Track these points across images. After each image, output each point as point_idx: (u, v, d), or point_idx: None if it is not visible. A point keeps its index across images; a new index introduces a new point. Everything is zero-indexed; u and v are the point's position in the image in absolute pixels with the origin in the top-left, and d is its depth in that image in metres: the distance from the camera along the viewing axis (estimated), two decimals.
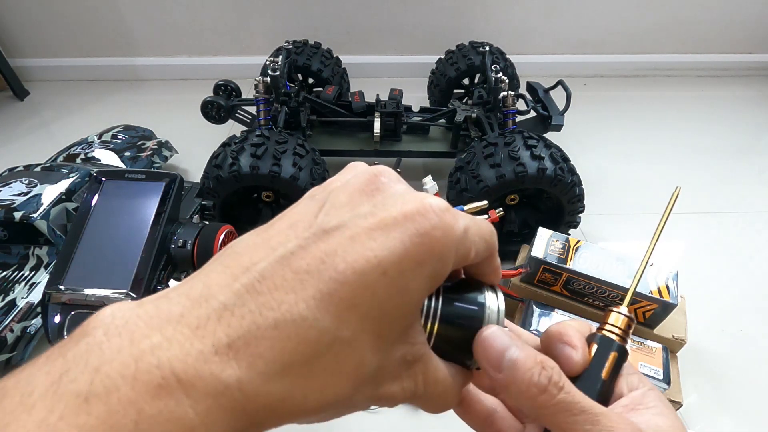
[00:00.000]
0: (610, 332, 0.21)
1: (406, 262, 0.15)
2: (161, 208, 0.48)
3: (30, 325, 0.61)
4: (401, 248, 0.14)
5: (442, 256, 0.15)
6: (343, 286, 0.14)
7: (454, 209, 0.16)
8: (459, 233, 0.16)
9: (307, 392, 0.14)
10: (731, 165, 1.08)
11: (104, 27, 1.35)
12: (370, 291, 0.14)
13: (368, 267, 0.14)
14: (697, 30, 1.39)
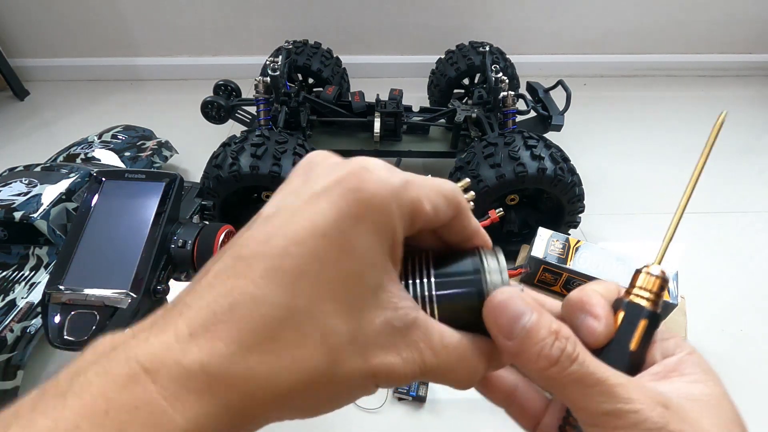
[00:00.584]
0: (639, 296, 0.19)
1: (343, 220, 0.14)
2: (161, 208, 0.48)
3: (30, 325, 0.61)
4: (335, 209, 0.15)
5: (381, 208, 0.15)
6: (286, 258, 0.14)
7: (394, 168, 0.16)
8: (396, 183, 0.15)
9: (277, 369, 0.14)
10: (731, 165, 1.08)
11: (104, 27, 1.35)
12: (313, 256, 0.14)
13: (306, 234, 0.14)
14: (697, 30, 1.39)
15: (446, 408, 0.61)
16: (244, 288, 0.14)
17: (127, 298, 0.44)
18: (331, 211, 0.15)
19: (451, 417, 0.60)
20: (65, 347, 0.42)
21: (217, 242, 0.49)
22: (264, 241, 0.15)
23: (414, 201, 0.16)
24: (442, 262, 0.18)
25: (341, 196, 0.15)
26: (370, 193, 0.15)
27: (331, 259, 0.14)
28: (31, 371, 0.65)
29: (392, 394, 0.62)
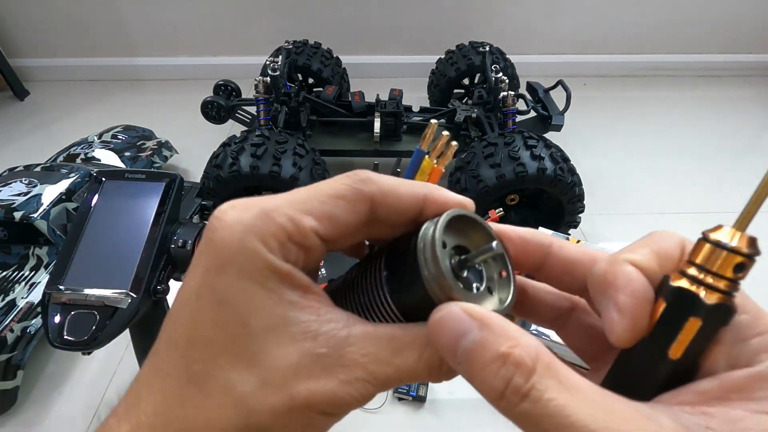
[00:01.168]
0: (697, 280, 0.13)
1: (209, 275, 0.15)
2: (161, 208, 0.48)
3: (30, 325, 0.61)
4: (201, 267, 0.15)
5: (239, 250, 0.14)
6: (177, 328, 0.15)
7: (261, 199, 0.16)
8: (248, 218, 0.15)
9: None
10: (731, 165, 1.08)
11: (104, 27, 1.35)
12: (194, 319, 0.15)
13: (185, 300, 0.15)
14: (697, 30, 1.39)
15: (446, 408, 0.61)
16: (158, 365, 0.15)
17: (127, 298, 0.44)
18: (198, 271, 0.15)
19: (451, 417, 0.60)
20: (65, 347, 0.42)
21: None
22: (167, 319, 0.16)
23: (283, 225, 0.15)
24: (394, 255, 0.16)
25: (202, 252, 0.15)
26: (221, 239, 0.15)
27: (210, 317, 0.14)
28: (31, 371, 0.65)
29: (392, 394, 0.62)
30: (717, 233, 0.13)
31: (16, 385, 0.60)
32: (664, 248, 0.15)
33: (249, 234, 0.14)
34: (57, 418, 0.61)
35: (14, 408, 0.61)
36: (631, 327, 0.13)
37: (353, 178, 0.16)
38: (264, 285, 0.14)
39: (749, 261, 0.13)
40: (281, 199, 0.15)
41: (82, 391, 0.63)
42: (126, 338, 0.52)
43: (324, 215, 0.15)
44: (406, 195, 0.16)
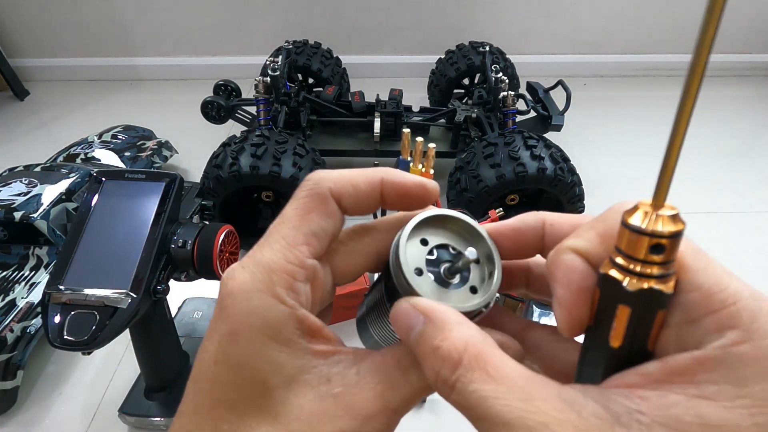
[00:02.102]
0: (621, 266, 0.13)
1: (223, 340, 0.16)
2: (161, 208, 0.48)
3: (30, 325, 0.61)
4: (216, 334, 0.16)
5: (245, 312, 0.15)
6: (200, 394, 0.16)
7: (254, 257, 0.16)
8: (247, 279, 0.16)
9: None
10: (731, 165, 1.08)
11: (104, 27, 1.35)
12: (217, 383, 0.16)
13: (205, 367, 0.16)
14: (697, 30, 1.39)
15: (446, 408, 0.61)
16: (184, 425, 0.16)
17: (127, 298, 0.44)
18: (215, 337, 0.16)
19: (451, 417, 0.60)
20: (65, 347, 0.42)
21: (217, 242, 0.49)
22: (190, 382, 0.16)
23: (286, 273, 0.16)
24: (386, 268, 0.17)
25: (217, 318, 0.16)
26: (232, 305, 0.15)
27: (230, 381, 0.15)
28: (31, 371, 0.65)
29: None
30: (633, 216, 0.13)
31: (16, 385, 0.60)
32: (611, 228, 0.14)
33: (256, 295, 0.15)
34: (57, 418, 0.61)
35: (14, 408, 0.61)
36: (568, 319, 0.13)
37: (307, 184, 0.17)
38: (276, 339, 0.15)
39: (670, 240, 0.12)
40: (272, 248, 0.16)
41: (82, 391, 0.63)
42: (126, 338, 0.52)
43: (309, 238, 0.16)
44: (362, 182, 0.17)
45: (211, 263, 0.49)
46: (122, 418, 0.57)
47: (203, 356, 0.16)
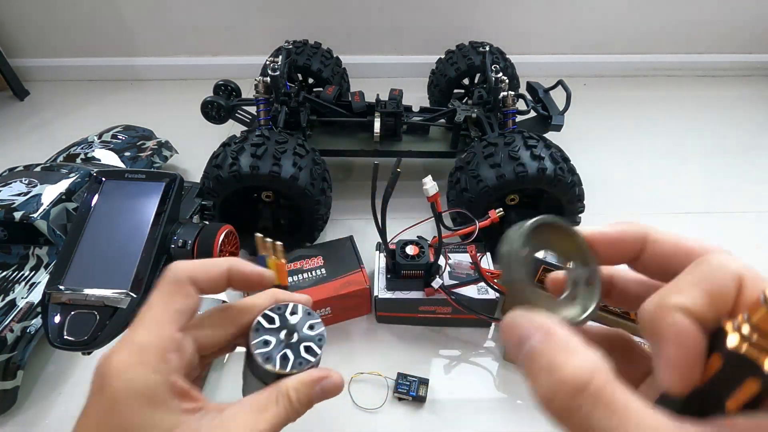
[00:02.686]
0: (756, 344, 0.12)
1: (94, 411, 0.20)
2: (161, 208, 0.48)
3: (30, 325, 0.61)
4: (92, 407, 0.20)
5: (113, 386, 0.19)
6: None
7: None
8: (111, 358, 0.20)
9: None
10: (731, 165, 1.08)
11: (104, 27, 1.35)
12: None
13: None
14: (697, 30, 1.39)
15: (446, 408, 0.61)
16: None
17: (127, 298, 0.44)
18: (93, 412, 0.20)
19: (451, 417, 0.60)
20: (65, 347, 0.42)
21: (217, 242, 0.49)
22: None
23: (156, 350, 0.19)
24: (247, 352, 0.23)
25: (94, 397, 0.20)
26: (109, 384, 0.19)
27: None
28: (31, 371, 0.65)
29: (392, 395, 0.62)
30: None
31: (16, 385, 0.60)
32: (717, 287, 0.14)
33: (132, 369, 0.19)
34: (57, 418, 0.61)
35: (14, 408, 0.61)
36: (680, 380, 0.13)
37: (168, 274, 0.21)
38: (151, 402, 0.18)
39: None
40: (145, 327, 0.20)
41: (82, 391, 0.63)
42: None
43: (173, 316, 0.20)
44: (213, 269, 0.22)
45: None
46: None
47: (83, 426, 0.19)
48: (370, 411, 0.60)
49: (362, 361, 0.66)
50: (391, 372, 0.64)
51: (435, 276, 0.65)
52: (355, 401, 0.61)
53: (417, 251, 0.67)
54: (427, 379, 0.63)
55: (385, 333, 0.71)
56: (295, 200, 0.72)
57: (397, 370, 0.64)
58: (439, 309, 0.69)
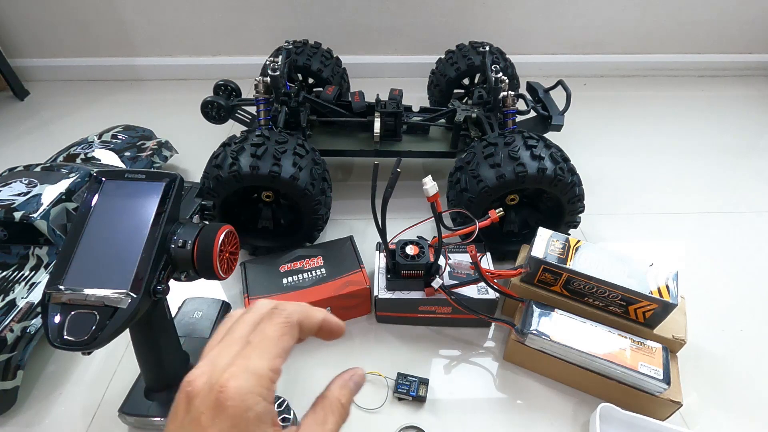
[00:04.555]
0: None
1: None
2: (161, 208, 0.48)
3: (30, 325, 0.61)
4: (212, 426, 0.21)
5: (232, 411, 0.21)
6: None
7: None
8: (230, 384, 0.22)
9: None
10: (731, 165, 1.08)
11: (104, 27, 1.35)
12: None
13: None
14: (697, 30, 1.39)
15: (446, 408, 0.61)
16: None
17: (127, 298, 0.44)
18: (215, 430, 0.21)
19: (451, 417, 0.60)
20: (65, 347, 0.42)
21: (217, 242, 0.49)
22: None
23: (269, 379, 0.23)
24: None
25: (215, 415, 0.21)
26: (231, 407, 0.21)
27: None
28: (31, 371, 0.65)
29: (392, 395, 0.62)
30: None
31: (16, 385, 0.60)
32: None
33: (250, 396, 0.22)
34: (57, 418, 0.61)
35: (14, 408, 0.61)
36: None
37: (283, 313, 0.25)
38: (262, 425, 0.22)
39: None
40: (261, 358, 0.23)
41: (82, 391, 0.63)
42: (126, 338, 0.52)
43: (281, 353, 0.24)
44: (315, 319, 0.26)
45: (211, 263, 0.49)
46: (122, 418, 0.57)
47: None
48: (370, 411, 0.60)
49: (362, 361, 0.66)
50: (391, 372, 0.64)
51: (435, 276, 0.65)
52: (355, 401, 0.61)
53: (417, 251, 0.67)
54: (427, 379, 0.63)
55: (385, 333, 0.71)
56: (295, 200, 0.72)
57: (397, 370, 0.64)
58: (439, 309, 0.69)
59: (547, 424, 0.60)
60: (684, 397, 0.57)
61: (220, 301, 0.72)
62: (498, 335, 0.71)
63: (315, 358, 0.67)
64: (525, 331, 0.60)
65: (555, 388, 0.64)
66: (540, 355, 0.62)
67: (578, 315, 0.62)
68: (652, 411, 0.57)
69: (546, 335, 0.59)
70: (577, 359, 0.59)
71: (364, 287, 0.69)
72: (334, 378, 0.27)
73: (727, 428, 0.60)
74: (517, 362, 0.66)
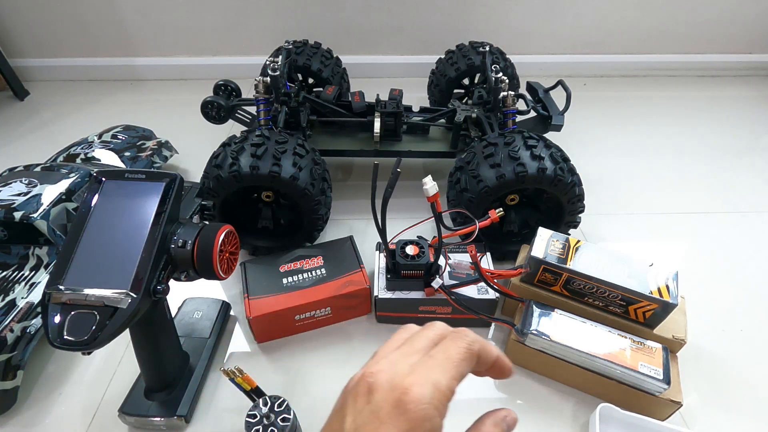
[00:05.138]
0: None
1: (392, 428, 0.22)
2: (161, 208, 0.48)
3: (30, 325, 0.61)
4: (386, 423, 0.22)
5: (424, 421, 0.23)
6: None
7: (422, 376, 0.24)
8: (427, 396, 0.23)
9: None
10: (731, 165, 1.08)
11: (104, 27, 1.35)
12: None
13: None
14: (697, 30, 1.39)
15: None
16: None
17: (127, 298, 0.44)
18: (391, 426, 0.22)
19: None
20: (65, 347, 0.42)
21: (217, 242, 0.49)
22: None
23: (447, 395, 0.24)
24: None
25: (396, 413, 0.22)
26: (411, 410, 0.22)
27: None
28: (31, 371, 0.65)
29: None
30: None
31: (16, 385, 0.60)
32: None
33: (429, 407, 0.22)
34: (57, 418, 0.61)
35: (14, 408, 0.61)
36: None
37: (467, 339, 0.26)
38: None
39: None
40: (444, 375, 0.24)
41: (82, 391, 0.63)
42: (126, 338, 0.52)
43: (458, 376, 0.25)
44: (491, 356, 0.27)
45: (211, 263, 0.49)
46: (122, 418, 0.57)
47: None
48: None
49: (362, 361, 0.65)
50: None
51: (435, 276, 0.65)
52: None
53: (417, 251, 0.67)
54: None
55: (385, 333, 0.71)
56: (295, 200, 0.72)
57: None
58: (439, 309, 0.69)
59: (547, 424, 0.60)
60: (684, 397, 0.57)
61: (220, 301, 0.72)
62: (498, 335, 0.71)
63: (315, 358, 0.67)
64: (525, 331, 0.60)
65: (555, 388, 0.64)
66: (540, 355, 0.62)
67: (578, 315, 0.62)
68: (652, 411, 0.57)
69: (546, 335, 0.59)
70: (577, 359, 0.59)
71: (364, 287, 0.69)
72: (485, 414, 0.27)
73: (727, 428, 0.60)
74: (516, 362, 0.66)
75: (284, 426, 0.50)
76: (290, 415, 0.51)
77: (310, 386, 0.63)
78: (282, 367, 0.66)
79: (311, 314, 0.68)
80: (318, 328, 0.71)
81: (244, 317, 0.71)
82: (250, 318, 0.64)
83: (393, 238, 0.68)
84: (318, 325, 0.70)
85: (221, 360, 0.67)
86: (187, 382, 0.60)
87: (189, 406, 0.58)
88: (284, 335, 0.69)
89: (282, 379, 0.64)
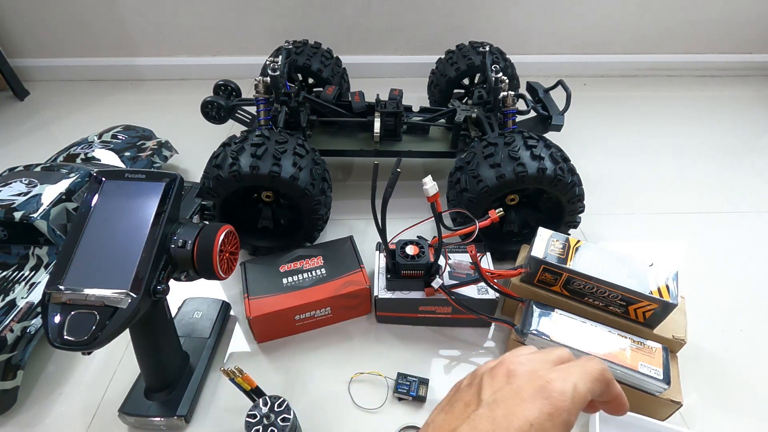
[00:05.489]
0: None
1: (543, 417, 0.24)
2: (161, 208, 0.48)
3: (30, 325, 0.61)
4: (538, 410, 0.24)
5: (563, 411, 0.24)
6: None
7: (564, 371, 0.26)
8: (569, 392, 0.24)
9: None
10: (731, 165, 1.08)
11: (104, 27, 1.35)
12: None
13: (524, 426, 0.23)
14: (697, 30, 1.39)
15: None
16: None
17: (127, 298, 0.44)
18: (536, 412, 0.24)
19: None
20: (65, 347, 0.42)
21: (217, 242, 0.49)
22: (495, 421, 0.24)
23: (584, 398, 0.25)
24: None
25: (541, 397, 0.24)
26: (558, 401, 0.24)
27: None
28: (31, 371, 0.65)
29: (392, 395, 0.62)
30: None
31: (16, 385, 0.60)
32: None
33: (569, 406, 0.24)
34: (57, 418, 0.61)
35: (14, 408, 0.61)
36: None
37: (602, 366, 0.27)
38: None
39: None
40: (584, 385, 0.25)
41: (82, 391, 0.63)
42: (126, 338, 0.52)
43: (590, 393, 0.26)
44: (617, 389, 0.28)
45: (211, 263, 0.49)
46: (122, 418, 0.57)
47: (522, 414, 0.24)
48: (370, 411, 0.60)
49: (362, 361, 0.66)
50: (391, 372, 0.64)
51: (435, 276, 0.65)
52: (355, 401, 0.61)
53: (417, 251, 0.67)
54: (427, 379, 0.63)
55: (385, 333, 0.71)
56: (295, 200, 0.72)
57: (397, 370, 0.64)
58: (439, 309, 0.69)
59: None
60: (684, 397, 0.57)
61: (220, 301, 0.72)
62: (498, 335, 0.71)
63: (315, 358, 0.67)
64: (525, 331, 0.60)
65: None
66: None
67: (578, 315, 0.62)
68: (652, 411, 0.57)
69: (546, 335, 0.59)
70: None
71: (364, 287, 0.69)
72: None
73: (727, 428, 0.60)
74: None
75: (284, 426, 0.50)
76: (290, 415, 0.51)
77: (310, 386, 0.63)
78: (282, 367, 0.66)
79: (311, 314, 0.68)
80: (318, 328, 0.71)
81: (244, 317, 0.71)
82: (250, 318, 0.64)
83: (393, 238, 0.68)
84: (318, 325, 0.70)
85: (221, 360, 0.67)
86: (187, 382, 0.60)
87: (189, 406, 0.58)
88: (284, 335, 0.69)
89: (282, 379, 0.64)
